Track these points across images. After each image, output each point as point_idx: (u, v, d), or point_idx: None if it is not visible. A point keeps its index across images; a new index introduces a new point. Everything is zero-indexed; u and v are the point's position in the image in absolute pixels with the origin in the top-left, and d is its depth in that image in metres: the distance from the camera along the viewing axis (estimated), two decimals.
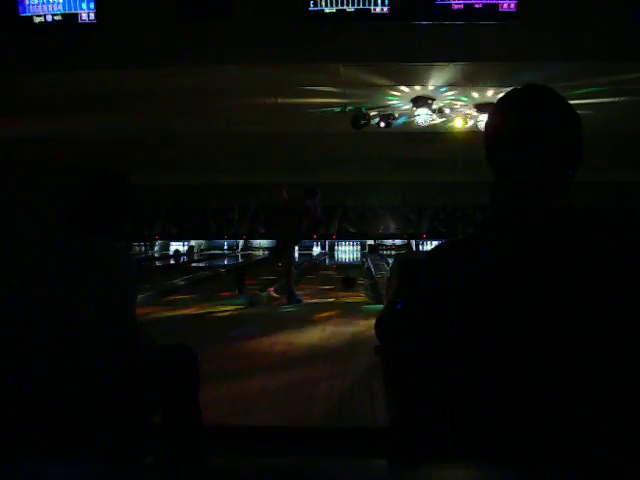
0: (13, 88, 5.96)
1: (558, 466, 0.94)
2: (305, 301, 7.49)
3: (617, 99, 6.42)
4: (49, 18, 5.16)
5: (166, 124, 8.07)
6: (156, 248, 19.08)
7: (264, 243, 18.03)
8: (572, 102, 1.15)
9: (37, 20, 5.16)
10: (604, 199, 13.04)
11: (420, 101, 6.74)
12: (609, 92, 6.11)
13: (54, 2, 5.14)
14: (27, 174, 10.32)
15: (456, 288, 1.10)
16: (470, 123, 7.44)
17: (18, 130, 8.09)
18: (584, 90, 5.95)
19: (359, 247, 17.56)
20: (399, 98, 6.74)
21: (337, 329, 5.53)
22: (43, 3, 5.14)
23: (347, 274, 10.48)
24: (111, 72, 5.47)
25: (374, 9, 4.99)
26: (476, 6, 4.93)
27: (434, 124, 7.33)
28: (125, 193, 2.15)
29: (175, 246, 19.27)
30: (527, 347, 1.02)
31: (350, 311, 6.67)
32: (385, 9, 4.99)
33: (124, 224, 2.16)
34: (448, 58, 5.27)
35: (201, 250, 19.45)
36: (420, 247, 17.13)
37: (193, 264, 15.67)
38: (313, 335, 5.25)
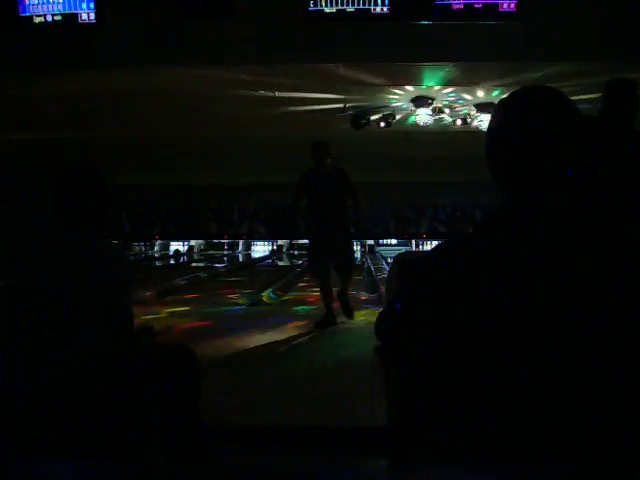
0: (12, 87, 5.96)
1: (557, 466, 0.94)
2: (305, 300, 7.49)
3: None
4: (49, 18, 5.15)
5: (166, 124, 8.07)
6: (156, 248, 19.07)
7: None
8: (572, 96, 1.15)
9: (37, 20, 5.16)
10: None
11: (420, 101, 6.74)
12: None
13: (54, 2, 5.14)
14: (22, 175, 10.29)
15: (454, 288, 1.10)
16: (471, 123, 7.42)
17: (14, 130, 8.08)
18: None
19: (359, 247, 17.52)
20: (399, 99, 6.73)
21: (337, 327, 5.53)
22: (43, 3, 5.14)
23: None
24: (111, 72, 5.47)
25: (374, 9, 4.99)
26: (476, 6, 4.93)
27: (435, 123, 7.32)
28: (97, 187, 2.06)
29: (175, 246, 19.26)
30: (526, 345, 1.03)
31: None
32: (385, 9, 4.98)
33: (104, 219, 2.07)
34: (448, 58, 5.27)
35: (201, 250, 19.44)
36: (420, 247, 17.18)
37: (193, 264, 15.69)
38: (313, 334, 5.25)
